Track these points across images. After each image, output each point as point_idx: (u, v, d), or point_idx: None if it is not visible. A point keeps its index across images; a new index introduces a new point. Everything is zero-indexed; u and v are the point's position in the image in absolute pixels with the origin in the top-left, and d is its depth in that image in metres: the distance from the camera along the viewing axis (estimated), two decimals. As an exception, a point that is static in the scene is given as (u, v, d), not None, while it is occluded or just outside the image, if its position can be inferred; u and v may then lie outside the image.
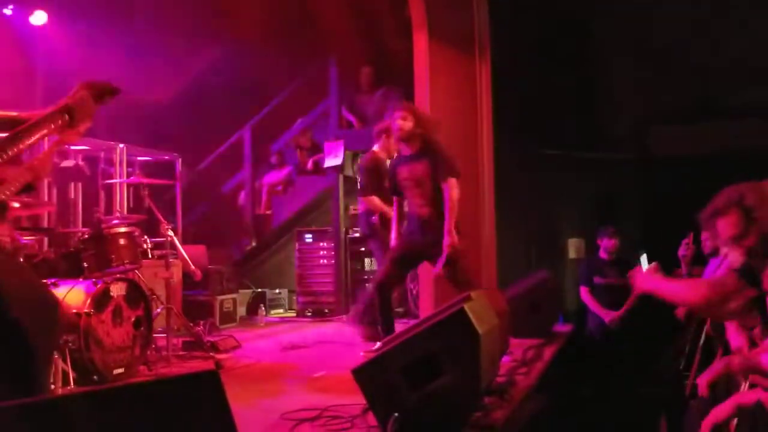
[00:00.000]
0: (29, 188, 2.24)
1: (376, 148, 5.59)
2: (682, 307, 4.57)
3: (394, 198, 4.83)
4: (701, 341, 4.07)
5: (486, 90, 6.29)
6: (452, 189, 4.49)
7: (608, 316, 5.55)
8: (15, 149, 2.12)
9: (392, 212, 4.98)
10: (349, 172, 7.60)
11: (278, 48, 8.12)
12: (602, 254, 5.73)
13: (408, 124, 4.57)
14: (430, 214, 4.51)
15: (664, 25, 6.93)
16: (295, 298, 7.61)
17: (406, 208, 4.83)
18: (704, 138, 7.00)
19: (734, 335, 3.21)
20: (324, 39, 8.08)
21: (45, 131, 2.22)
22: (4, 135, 2.17)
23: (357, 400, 2.93)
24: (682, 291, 2.72)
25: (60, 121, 2.22)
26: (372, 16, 7.90)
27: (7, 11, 6.33)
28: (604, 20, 7.21)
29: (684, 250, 4.56)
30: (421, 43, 6.36)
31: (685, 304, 3.21)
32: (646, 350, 5.25)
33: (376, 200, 5.33)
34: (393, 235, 4.86)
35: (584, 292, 5.73)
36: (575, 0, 7.23)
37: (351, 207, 7.52)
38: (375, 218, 5.38)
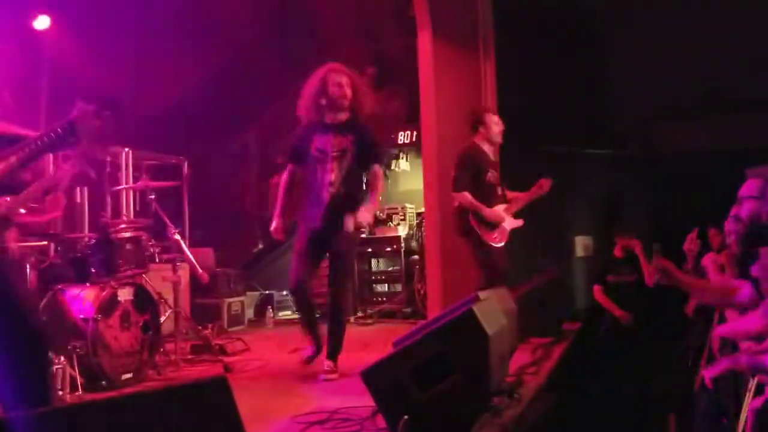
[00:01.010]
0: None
1: (476, 139, 4.96)
2: (691, 304, 4.55)
3: (290, 167, 4.31)
4: (709, 341, 4.05)
5: (491, 88, 6.28)
6: (380, 179, 4.25)
7: (621, 314, 5.52)
8: (24, 162, 2.15)
9: (488, 211, 4.70)
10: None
11: (282, 49, 8.12)
12: (617, 252, 5.70)
13: (348, 92, 4.15)
14: (338, 196, 4.07)
15: (669, 19, 6.89)
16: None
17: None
18: (711, 133, 6.96)
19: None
20: (327, 39, 8.07)
21: (49, 146, 2.24)
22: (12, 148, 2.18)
23: (366, 402, 2.92)
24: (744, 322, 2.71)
25: (63, 137, 2.23)
26: (375, 15, 7.89)
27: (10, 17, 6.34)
28: (609, 16, 7.18)
29: (689, 244, 4.53)
30: (425, 42, 6.35)
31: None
32: (655, 347, 5.22)
33: (468, 196, 4.75)
34: (493, 235, 4.63)
35: (597, 291, 5.69)
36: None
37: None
38: (470, 218, 4.77)
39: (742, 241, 2.85)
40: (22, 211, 3.24)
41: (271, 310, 7.12)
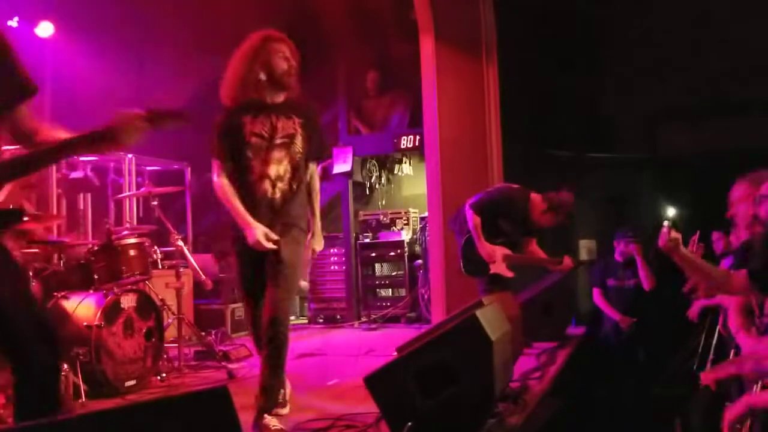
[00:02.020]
0: None
1: (536, 200, 4.79)
2: (695, 308, 4.53)
3: (217, 165, 3.24)
4: (714, 340, 4.03)
5: (494, 92, 6.28)
6: (317, 177, 3.42)
7: (621, 318, 5.49)
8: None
9: (483, 244, 4.54)
10: (358, 177, 7.59)
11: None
12: (617, 256, 5.68)
13: (293, 64, 3.26)
14: (284, 197, 3.20)
15: (673, 22, 6.87)
16: (306, 304, 7.60)
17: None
18: (715, 136, 6.93)
19: (744, 338, 3.17)
20: (330, 43, 8.07)
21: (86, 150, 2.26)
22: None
23: (370, 408, 2.91)
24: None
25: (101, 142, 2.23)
26: (377, 19, 7.89)
27: (13, 23, 6.36)
28: (612, 19, 7.16)
29: (691, 247, 4.51)
30: (427, 46, 6.35)
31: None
32: (659, 351, 5.20)
33: (477, 220, 4.68)
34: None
35: (597, 294, 5.68)
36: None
37: (360, 213, 7.51)
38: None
39: (766, 241, 2.83)
40: (25, 218, 3.24)
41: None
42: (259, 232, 3.06)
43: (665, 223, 2.69)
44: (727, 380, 2.69)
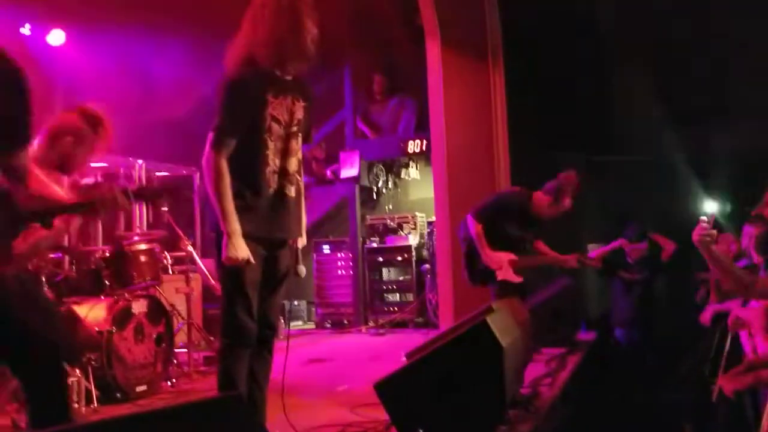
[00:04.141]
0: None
1: (538, 195, 4.82)
2: (707, 312, 4.52)
3: (227, 143, 2.59)
4: (726, 346, 4.01)
5: (500, 95, 6.28)
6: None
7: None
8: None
9: (488, 252, 4.56)
10: (365, 181, 7.61)
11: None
12: (628, 259, 5.68)
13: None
14: (298, 195, 2.82)
15: (679, 25, 6.86)
16: (313, 309, 7.61)
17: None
18: (722, 139, 6.91)
19: (762, 342, 3.16)
20: (337, 48, 8.09)
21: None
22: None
23: (380, 415, 2.91)
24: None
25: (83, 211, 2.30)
26: (383, 24, 7.91)
27: (25, 30, 6.41)
28: (618, 22, 7.16)
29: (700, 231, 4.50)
30: (433, 51, 6.36)
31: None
32: (670, 356, 5.18)
33: (479, 229, 4.71)
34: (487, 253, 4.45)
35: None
36: (589, 2, 7.18)
37: (368, 217, 7.52)
38: None
39: None
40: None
41: (283, 321, 7.11)
42: (242, 252, 2.57)
43: (703, 217, 2.64)
44: (744, 390, 2.68)
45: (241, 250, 2.58)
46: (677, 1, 6.80)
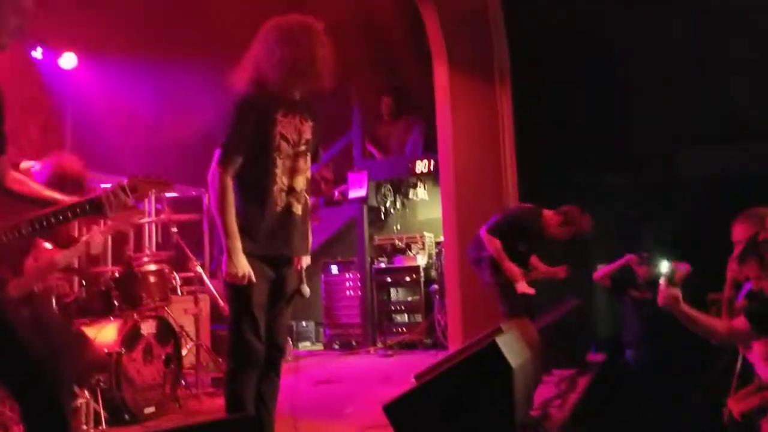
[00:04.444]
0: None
1: (548, 216, 5.02)
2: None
3: (234, 161, 2.66)
4: (738, 368, 3.97)
5: (507, 116, 6.31)
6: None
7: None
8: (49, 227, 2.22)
9: (509, 264, 4.71)
10: (373, 202, 7.62)
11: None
12: (639, 279, 5.66)
13: (330, 52, 2.77)
14: (305, 214, 2.86)
15: (690, 44, 6.87)
16: (322, 330, 7.58)
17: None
18: (733, 159, 6.90)
19: (763, 369, 3.13)
20: (345, 69, 8.16)
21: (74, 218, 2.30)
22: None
23: (389, 437, 2.89)
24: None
25: (88, 212, 2.31)
26: (391, 46, 7.98)
27: (37, 54, 6.50)
28: (628, 41, 7.18)
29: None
30: (441, 72, 6.41)
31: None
32: (681, 378, 5.13)
33: (497, 243, 4.87)
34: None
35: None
36: (597, 21, 7.21)
37: (375, 237, 7.52)
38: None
39: None
40: (48, 245, 3.29)
41: (291, 342, 7.10)
42: (242, 269, 2.60)
43: (661, 280, 2.64)
44: (751, 411, 2.66)
45: (240, 267, 2.61)
46: (686, 20, 6.82)
